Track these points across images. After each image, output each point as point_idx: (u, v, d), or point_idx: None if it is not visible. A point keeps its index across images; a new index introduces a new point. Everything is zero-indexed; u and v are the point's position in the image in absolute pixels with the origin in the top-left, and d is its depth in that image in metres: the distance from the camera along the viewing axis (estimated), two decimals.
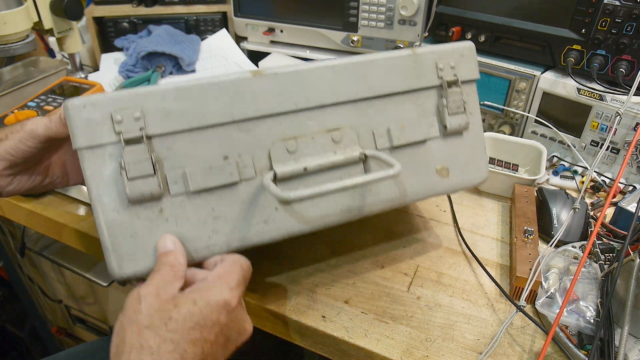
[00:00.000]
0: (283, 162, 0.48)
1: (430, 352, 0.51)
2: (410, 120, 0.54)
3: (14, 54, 0.87)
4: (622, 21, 0.69)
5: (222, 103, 0.45)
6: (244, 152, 0.47)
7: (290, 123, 0.48)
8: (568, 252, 0.60)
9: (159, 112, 0.43)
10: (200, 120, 0.45)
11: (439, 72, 0.55)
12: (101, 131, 0.42)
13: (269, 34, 1.09)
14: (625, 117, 0.71)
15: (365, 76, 0.51)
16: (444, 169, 0.56)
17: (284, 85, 0.48)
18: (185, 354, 0.36)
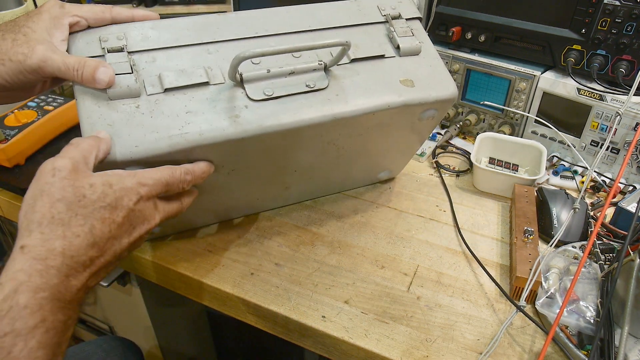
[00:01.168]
0: (249, 71, 0.53)
1: (430, 352, 0.51)
2: (364, 42, 0.59)
3: None
4: (622, 21, 0.69)
5: (192, 31, 0.54)
6: (214, 65, 0.53)
7: (253, 44, 0.55)
8: (568, 252, 0.60)
9: (139, 36, 0.51)
10: (173, 42, 0.52)
11: (382, 12, 0.61)
12: (91, 48, 0.50)
13: None
14: (625, 117, 0.71)
15: (315, 15, 0.59)
16: (408, 80, 0.59)
17: (245, 20, 0.56)
18: (93, 230, 0.39)
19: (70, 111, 0.86)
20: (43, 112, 0.82)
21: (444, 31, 0.86)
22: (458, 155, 0.86)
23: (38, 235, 0.37)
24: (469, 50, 0.86)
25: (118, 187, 0.41)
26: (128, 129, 0.47)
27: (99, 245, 0.40)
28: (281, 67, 0.54)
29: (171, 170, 0.46)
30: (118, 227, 0.41)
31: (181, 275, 0.61)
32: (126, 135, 0.47)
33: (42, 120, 0.80)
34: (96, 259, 0.39)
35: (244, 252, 0.63)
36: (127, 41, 0.51)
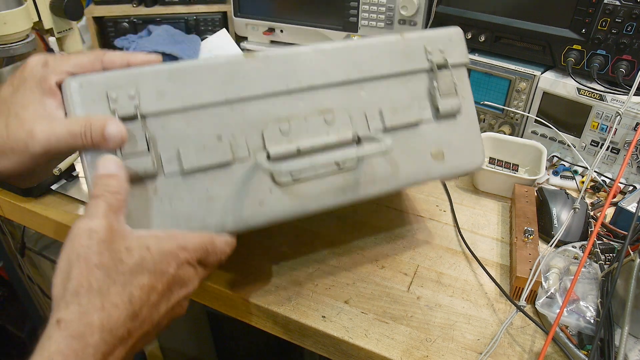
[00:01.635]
0: (276, 142, 0.48)
1: (430, 352, 0.51)
2: (402, 102, 0.54)
3: (14, 54, 0.87)
4: (622, 21, 0.69)
5: (215, 83, 0.46)
6: (238, 132, 0.47)
7: (282, 104, 0.49)
8: (568, 252, 0.60)
9: (153, 91, 0.44)
10: (194, 100, 0.45)
11: (428, 56, 0.55)
12: (97, 109, 0.42)
13: (269, 34, 1.09)
14: (625, 117, 0.71)
15: (355, 59, 0.52)
16: (439, 152, 0.56)
17: (276, 66, 0.48)
18: (132, 299, 0.36)
19: None
20: None
21: None
22: None
23: (75, 308, 0.34)
24: (469, 50, 0.86)
25: (156, 251, 0.38)
26: (146, 219, 0.44)
27: (138, 315, 0.37)
28: (312, 140, 0.49)
29: (212, 239, 0.44)
30: (157, 295, 0.38)
31: None
32: (144, 225, 0.44)
33: None
34: (134, 330, 0.37)
35: (243, 253, 0.63)
36: (139, 99, 0.44)
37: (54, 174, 0.75)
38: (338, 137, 0.50)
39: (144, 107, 0.44)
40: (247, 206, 0.48)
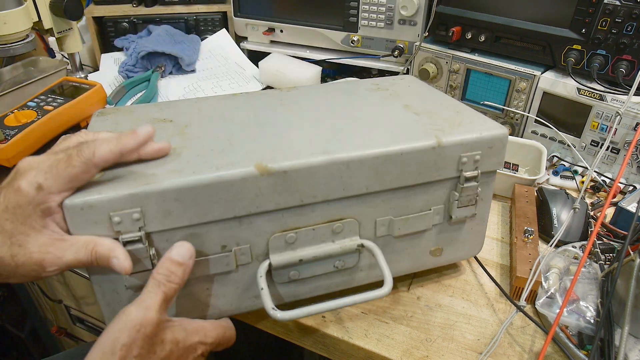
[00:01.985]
0: (280, 252, 0.48)
1: (430, 352, 0.51)
2: (415, 209, 0.52)
3: (14, 54, 0.87)
4: (622, 21, 0.69)
5: (225, 202, 0.43)
6: (243, 241, 0.46)
7: (292, 216, 0.47)
8: (568, 252, 0.60)
9: (159, 212, 0.41)
10: (201, 218, 0.43)
11: (460, 166, 0.50)
12: (99, 231, 0.41)
13: (269, 34, 1.09)
14: (625, 117, 0.71)
15: (380, 171, 0.47)
16: (438, 249, 0.56)
17: (292, 182, 0.44)
18: None
19: (70, 111, 0.86)
20: (43, 112, 0.82)
21: (444, 31, 0.86)
22: None
23: None
24: (469, 50, 0.86)
25: (183, 346, 0.42)
26: None
27: None
28: (316, 249, 0.48)
29: (224, 332, 0.47)
30: None
31: None
32: None
33: (42, 120, 0.80)
34: None
35: None
36: (145, 220, 0.41)
37: None
38: (342, 247, 0.49)
39: (149, 227, 0.42)
40: (244, 300, 0.50)
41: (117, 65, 1.06)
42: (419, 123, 0.52)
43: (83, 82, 0.92)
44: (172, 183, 0.41)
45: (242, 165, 0.43)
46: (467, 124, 0.51)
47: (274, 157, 0.44)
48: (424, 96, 0.60)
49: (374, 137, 0.48)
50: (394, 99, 0.59)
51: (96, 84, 0.91)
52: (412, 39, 0.96)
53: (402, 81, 0.66)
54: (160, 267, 0.42)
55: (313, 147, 0.46)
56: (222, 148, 0.46)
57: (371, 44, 1.01)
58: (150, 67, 1.03)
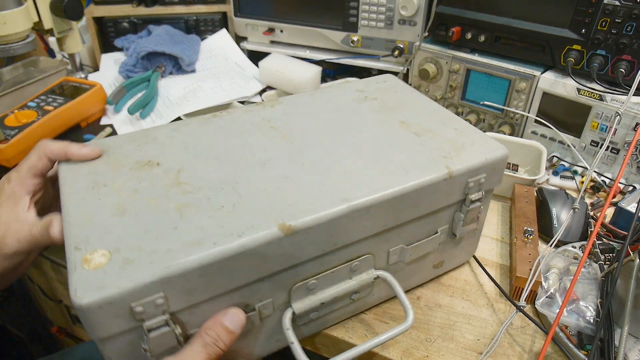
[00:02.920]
0: (301, 299, 0.47)
1: (430, 352, 0.51)
2: (424, 234, 0.53)
3: (14, 54, 0.87)
4: (622, 21, 0.69)
5: (249, 268, 0.41)
6: (265, 297, 0.45)
7: (313, 265, 0.46)
8: (568, 252, 0.60)
9: (183, 291, 0.38)
10: (226, 287, 0.41)
11: (466, 190, 0.51)
12: (120, 324, 0.37)
13: (269, 34, 1.09)
14: (625, 117, 0.71)
15: (397, 208, 0.47)
16: (440, 262, 0.58)
17: (315, 236, 0.43)
18: None
19: (70, 111, 0.86)
20: (43, 112, 0.82)
21: (444, 31, 0.86)
22: None
23: None
24: (469, 50, 0.86)
25: None
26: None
27: None
28: (336, 289, 0.48)
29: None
30: None
31: None
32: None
33: (42, 120, 0.81)
34: None
35: None
36: (168, 302, 0.38)
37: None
38: (359, 283, 0.50)
39: (173, 307, 0.39)
40: (265, 344, 0.49)
41: (117, 65, 1.06)
42: (424, 148, 0.52)
43: (83, 82, 0.92)
44: (194, 261, 0.37)
45: (263, 228, 0.40)
46: (469, 146, 0.52)
47: (294, 212, 0.42)
48: (415, 107, 0.60)
49: (388, 174, 0.47)
50: (387, 113, 0.59)
51: (96, 84, 0.92)
52: (412, 39, 0.96)
53: (386, 84, 0.66)
54: (210, 329, 0.40)
55: (331, 195, 0.44)
56: (232, 203, 0.43)
57: (371, 44, 1.01)
58: (150, 67, 1.03)
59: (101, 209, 0.42)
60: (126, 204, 0.43)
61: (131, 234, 0.39)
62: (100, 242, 0.38)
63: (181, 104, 0.93)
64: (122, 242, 0.39)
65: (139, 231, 0.40)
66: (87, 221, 0.41)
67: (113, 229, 0.40)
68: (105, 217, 0.41)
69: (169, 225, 0.40)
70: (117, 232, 0.40)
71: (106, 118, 0.93)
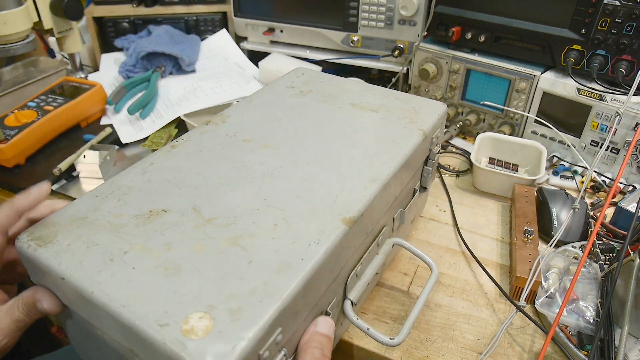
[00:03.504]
0: (353, 287, 0.47)
1: (430, 352, 0.51)
2: (410, 195, 0.60)
3: (14, 54, 0.87)
4: (622, 21, 0.69)
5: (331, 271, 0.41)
6: (332, 297, 0.44)
7: (358, 251, 0.46)
8: (568, 252, 0.60)
9: (292, 318, 0.36)
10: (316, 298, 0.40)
11: (431, 145, 0.59)
12: None
13: (269, 34, 1.09)
14: (625, 117, 0.71)
15: (403, 176, 0.52)
16: (414, 217, 0.65)
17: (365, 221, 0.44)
18: None
19: (70, 111, 0.86)
20: (43, 112, 0.82)
21: (444, 31, 0.86)
22: (458, 155, 0.86)
23: None
24: (469, 50, 0.86)
25: None
26: None
27: None
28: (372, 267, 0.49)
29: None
30: None
31: None
32: None
33: (42, 120, 0.81)
34: None
35: None
36: (284, 333, 0.35)
37: (55, 174, 0.75)
38: (384, 254, 0.51)
39: (285, 336, 0.36)
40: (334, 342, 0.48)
41: (117, 65, 1.06)
42: (390, 121, 0.57)
43: (83, 82, 0.92)
44: (296, 282, 0.35)
45: (333, 229, 0.40)
46: (420, 109, 0.60)
47: (344, 205, 0.42)
48: (348, 90, 0.65)
49: (385, 151, 0.51)
50: (334, 101, 0.61)
51: (96, 84, 0.92)
52: (412, 39, 0.96)
53: (306, 76, 0.69)
54: (314, 342, 0.39)
55: (359, 181, 0.46)
56: (282, 218, 0.41)
57: (371, 44, 1.01)
58: (150, 67, 1.03)
59: (146, 275, 0.35)
60: (171, 260, 0.36)
61: (209, 287, 0.34)
62: (184, 308, 0.33)
63: (181, 104, 0.93)
64: (208, 297, 0.33)
65: (215, 280, 0.35)
66: (143, 295, 0.34)
67: (182, 289, 0.34)
68: (160, 282, 0.35)
69: (239, 263, 0.36)
70: (191, 291, 0.34)
71: (106, 118, 0.93)
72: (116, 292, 0.34)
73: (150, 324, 0.32)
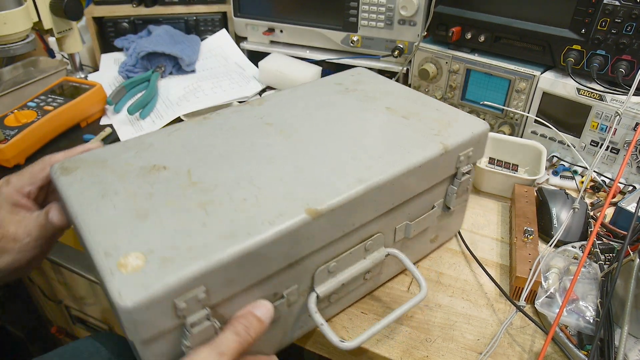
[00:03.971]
0: (324, 282, 0.49)
1: (430, 352, 0.51)
2: (425, 210, 0.57)
3: (14, 54, 0.87)
4: (622, 21, 0.69)
5: (282, 253, 0.43)
6: (292, 283, 0.46)
7: (335, 247, 0.48)
8: (568, 252, 0.60)
9: (223, 283, 0.39)
10: (260, 275, 0.42)
11: (458, 163, 0.56)
12: (164, 322, 0.37)
13: (269, 34, 1.09)
14: (625, 117, 0.71)
15: (405, 186, 0.51)
16: (436, 237, 0.62)
17: (337, 217, 0.45)
18: None
19: (70, 111, 0.86)
20: (43, 112, 0.82)
21: (444, 31, 0.86)
22: None
23: None
24: (469, 50, 0.87)
25: None
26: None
27: None
28: (352, 270, 0.51)
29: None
30: None
31: None
32: None
33: (42, 120, 0.81)
34: None
35: None
36: (209, 295, 0.38)
37: None
38: (372, 261, 0.52)
39: (212, 300, 0.39)
40: (288, 333, 0.51)
41: (117, 65, 1.06)
42: (416, 129, 0.55)
43: (83, 82, 0.92)
44: (232, 252, 0.38)
45: (292, 214, 0.42)
46: (455, 123, 0.56)
47: (317, 197, 0.44)
48: (393, 94, 0.64)
49: (392, 155, 0.50)
50: (372, 102, 0.61)
51: (96, 84, 0.92)
52: (412, 39, 0.96)
53: (360, 77, 0.69)
54: (243, 318, 0.41)
55: (346, 179, 0.46)
56: (254, 195, 0.44)
57: (371, 44, 1.01)
58: (150, 67, 1.03)
59: (120, 215, 0.42)
60: (145, 208, 0.42)
61: (160, 236, 0.39)
62: (130, 246, 0.38)
63: (181, 104, 0.93)
64: (153, 243, 0.38)
65: (168, 232, 0.40)
66: (109, 228, 0.40)
67: (139, 232, 0.40)
68: (127, 222, 0.41)
69: (197, 223, 0.41)
70: (145, 235, 0.39)
71: (106, 118, 0.93)
72: (92, 221, 0.41)
73: (99, 251, 0.38)
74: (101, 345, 0.79)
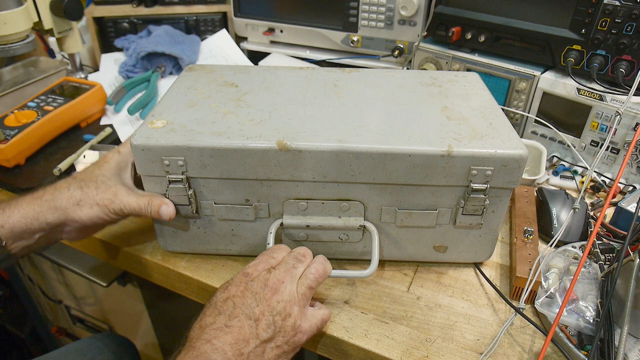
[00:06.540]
0: (292, 215, 0.57)
1: (430, 352, 0.51)
2: (421, 206, 0.55)
3: (14, 54, 0.87)
4: (622, 21, 0.69)
5: (249, 165, 0.52)
6: (263, 199, 0.56)
7: (305, 189, 0.54)
8: (568, 252, 0.60)
9: (198, 163, 0.52)
10: (229, 174, 0.53)
11: (470, 177, 0.52)
12: (155, 168, 0.53)
13: (269, 34, 1.09)
14: (625, 117, 0.71)
15: (388, 167, 0.51)
16: (442, 246, 0.59)
17: (305, 160, 0.51)
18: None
19: (70, 111, 0.86)
20: (43, 112, 0.82)
21: (444, 31, 0.86)
22: None
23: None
24: (469, 50, 0.87)
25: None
26: (187, 235, 0.60)
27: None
28: (323, 220, 0.56)
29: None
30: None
31: (181, 276, 0.61)
32: (185, 239, 0.60)
33: (42, 120, 0.81)
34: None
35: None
36: (187, 166, 0.52)
37: (55, 174, 0.75)
38: (345, 224, 0.56)
39: (190, 172, 0.53)
40: (259, 243, 0.60)
41: (117, 65, 1.06)
42: (444, 128, 0.54)
43: (83, 82, 0.92)
44: (208, 143, 0.51)
45: (266, 140, 0.51)
46: (489, 138, 0.52)
47: (296, 137, 0.51)
48: (471, 100, 0.61)
49: (392, 136, 0.52)
50: (439, 98, 0.61)
51: (96, 84, 0.92)
52: (412, 39, 0.96)
53: (464, 79, 0.67)
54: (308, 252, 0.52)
55: (331, 134, 0.52)
56: (260, 119, 0.55)
57: (371, 44, 1.01)
58: (150, 67, 1.03)
59: (183, 101, 0.59)
60: (198, 102, 0.59)
61: (186, 118, 0.55)
62: (165, 116, 0.55)
63: None
64: (178, 120, 0.55)
65: (192, 117, 0.55)
66: (170, 105, 0.58)
67: (180, 112, 0.56)
68: (180, 105, 0.58)
69: (211, 120, 0.55)
70: (179, 114, 0.56)
71: (106, 118, 0.93)
72: (169, 98, 0.60)
73: (152, 113, 0.56)
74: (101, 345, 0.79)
